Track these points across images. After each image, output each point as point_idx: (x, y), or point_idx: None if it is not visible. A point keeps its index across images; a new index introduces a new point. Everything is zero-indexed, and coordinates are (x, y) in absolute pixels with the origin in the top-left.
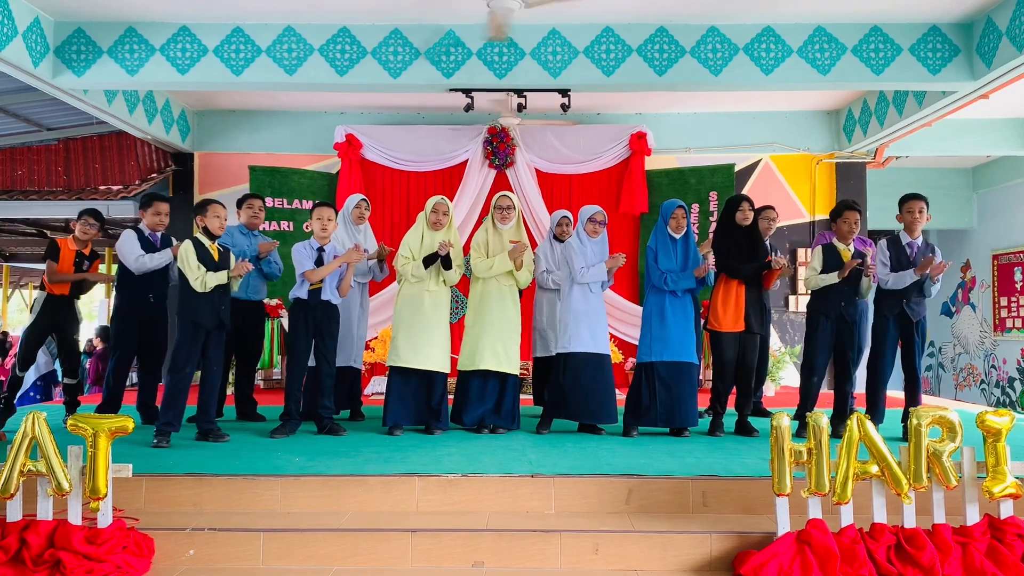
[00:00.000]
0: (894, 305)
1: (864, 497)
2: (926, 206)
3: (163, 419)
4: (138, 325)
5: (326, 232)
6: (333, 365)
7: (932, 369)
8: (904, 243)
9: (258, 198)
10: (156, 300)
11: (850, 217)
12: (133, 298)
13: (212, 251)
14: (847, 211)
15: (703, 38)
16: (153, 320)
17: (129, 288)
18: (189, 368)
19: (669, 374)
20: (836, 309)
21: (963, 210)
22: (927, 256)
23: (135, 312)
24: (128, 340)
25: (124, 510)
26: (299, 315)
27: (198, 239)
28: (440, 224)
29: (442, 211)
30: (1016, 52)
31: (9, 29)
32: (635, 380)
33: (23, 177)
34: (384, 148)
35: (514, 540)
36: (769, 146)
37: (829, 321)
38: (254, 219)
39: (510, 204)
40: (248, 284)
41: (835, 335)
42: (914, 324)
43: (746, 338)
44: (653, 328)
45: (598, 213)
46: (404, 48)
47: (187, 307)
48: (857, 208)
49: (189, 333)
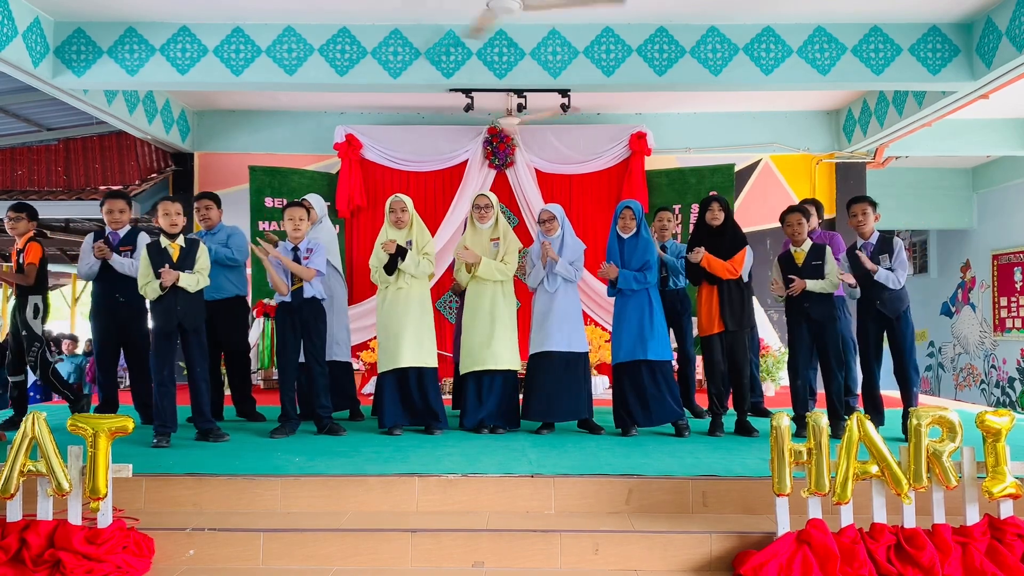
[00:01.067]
0: (868, 307)
1: (864, 497)
2: (871, 207)
3: (157, 421)
4: (112, 325)
5: (299, 231)
6: (324, 363)
7: (932, 369)
8: (859, 247)
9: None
10: (127, 299)
11: (791, 220)
12: (103, 299)
13: (172, 250)
14: (789, 215)
15: (703, 38)
16: (126, 319)
17: (99, 289)
18: (166, 371)
19: (630, 374)
20: (803, 311)
21: (963, 210)
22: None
23: (107, 312)
24: (105, 340)
25: (124, 510)
26: (284, 317)
27: (156, 242)
28: (401, 222)
29: (399, 208)
30: (1016, 52)
31: (9, 29)
32: (615, 382)
33: (23, 177)
34: (384, 148)
35: (514, 540)
36: (769, 146)
37: (799, 324)
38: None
39: (488, 203)
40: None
41: (810, 336)
42: (894, 320)
43: (730, 338)
44: (616, 330)
45: (543, 212)
46: (404, 48)
47: (151, 312)
48: (801, 209)
49: (155, 338)
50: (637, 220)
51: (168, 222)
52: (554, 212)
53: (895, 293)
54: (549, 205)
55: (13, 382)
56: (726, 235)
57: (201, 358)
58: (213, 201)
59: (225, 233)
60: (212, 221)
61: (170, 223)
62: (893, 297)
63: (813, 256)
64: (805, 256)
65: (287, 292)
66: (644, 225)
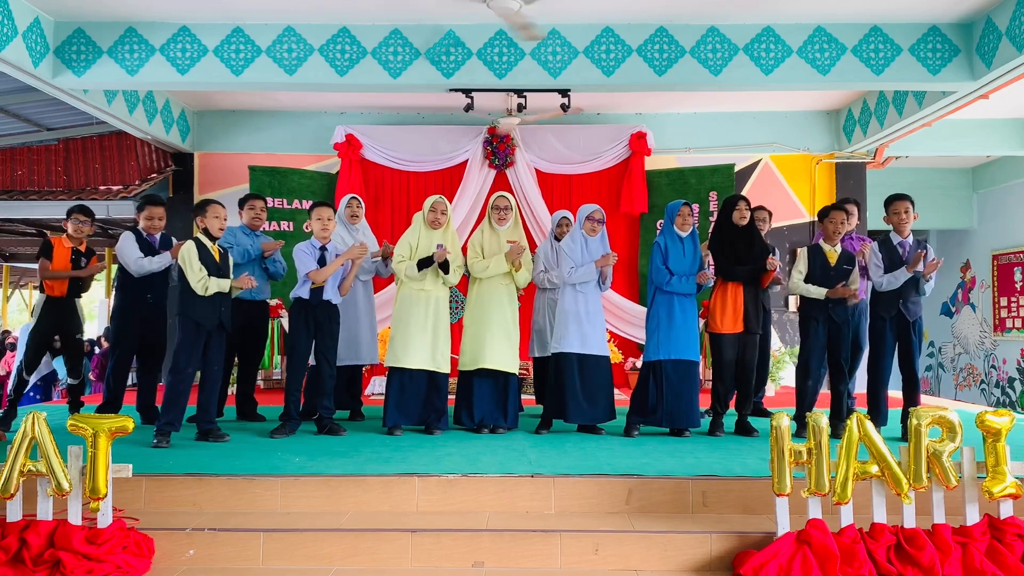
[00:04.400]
0: (890, 306)
1: (864, 497)
2: (912, 205)
3: (164, 419)
4: (137, 325)
5: (327, 231)
6: (333, 365)
7: (932, 369)
8: (895, 243)
9: (260, 198)
10: (155, 300)
11: (836, 217)
12: (132, 299)
13: (213, 252)
14: (834, 211)
15: (703, 38)
16: (152, 320)
17: (128, 289)
18: (191, 368)
19: (676, 373)
20: (824, 311)
21: (963, 210)
22: (918, 252)
23: (134, 312)
24: (127, 340)
25: (124, 510)
26: (300, 315)
27: (200, 240)
28: (439, 223)
29: (440, 210)
30: (1016, 52)
31: (9, 29)
32: (641, 378)
33: (23, 177)
34: (384, 148)
35: (514, 540)
36: (769, 146)
37: (819, 324)
38: (256, 220)
39: (507, 205)
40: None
41: (827, 337)
42: (911, 324)
43: (745, 338)
44: (661, 327)
45: (596, 211)
46: (404, 48)
47: (188, 308)
48: (844, 208)
49: (190, 334)
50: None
51: (217, 225)
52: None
53: (920, 297)
54: (594, 206)
55: (71, 385)
56: (755, 236)
57: (219, 358)
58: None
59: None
60: (261, 222)
61: (218, 227)
62: (916, 301)
63: (845, 260)
64: (838, 257)
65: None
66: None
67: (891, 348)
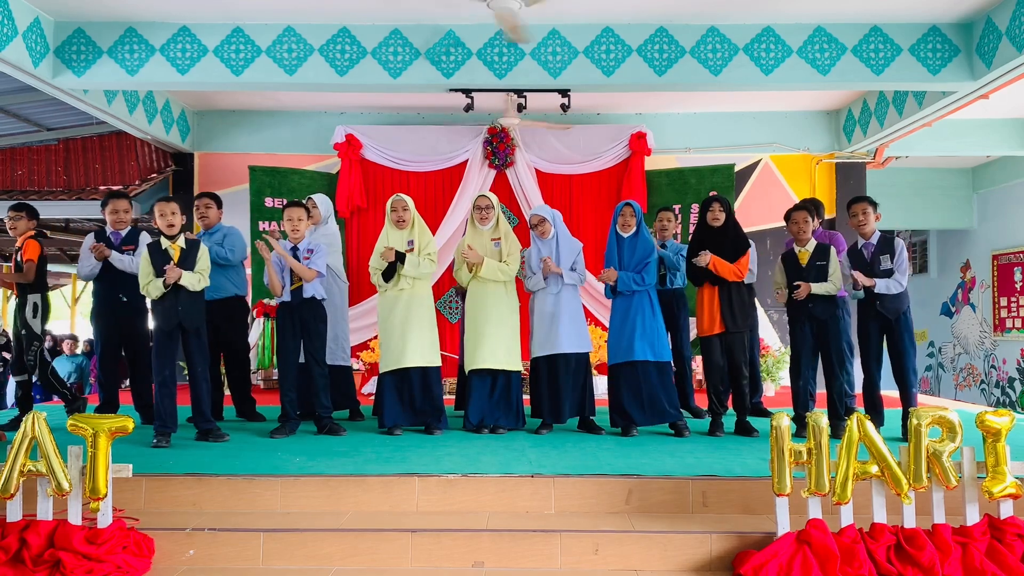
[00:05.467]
0: (868, 307)
1: (864, 497)
2: (871, 207)
3: (157, 421)
4: (115, 325)
5: (298, 232)
6: (324, 364)
7: (932, 369)
8: (860, 247)
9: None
10: (129, 299)
11: (797, 217)
12: (106, 299)
13: (173, 251)
14: (795, 212)
15: (703, 38)
16: (129, 319)
17: (101, 289)
18: (167, 371)
19: (624, 375)
20: (804, 311)
21: (963, 210)
22: (853, 273)
23: (110, 312)
24: (107, 340)
25: (124, 510)
26: (284, 317)
27: (157, 242)
28: (403, 222)
29: (401, 207)
30: (1016, 52)
31: (9, 29)
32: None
33: (23, 177)
34: (384, 148)
35: (514, 540)
36: (769, 146)
37: (802, 323)
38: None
39: (489, 204)
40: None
41: (813, 336)
42: (894, 321)
43: (731, 339)
44: (612, 330)
45: (532, 216)
46: (404, 48)
47: (152, 311)
48: (805, 207)
49: (159, 336)
50: (637, 219)
51: (165, 223)
52: (543, 215)
53: (895, 294)
54: (537, 208)
55: (18, 382)
56: (728, 235)
57: (201, 358)
58: (213, 200)
59: (222, 233)
60: (211, 220)
61: (167, 224)
62: (893, 298)
63: (817, 256)
64: (809, 256)
65: (281, 292)
66: (643, 224)
67: (877, 348)
